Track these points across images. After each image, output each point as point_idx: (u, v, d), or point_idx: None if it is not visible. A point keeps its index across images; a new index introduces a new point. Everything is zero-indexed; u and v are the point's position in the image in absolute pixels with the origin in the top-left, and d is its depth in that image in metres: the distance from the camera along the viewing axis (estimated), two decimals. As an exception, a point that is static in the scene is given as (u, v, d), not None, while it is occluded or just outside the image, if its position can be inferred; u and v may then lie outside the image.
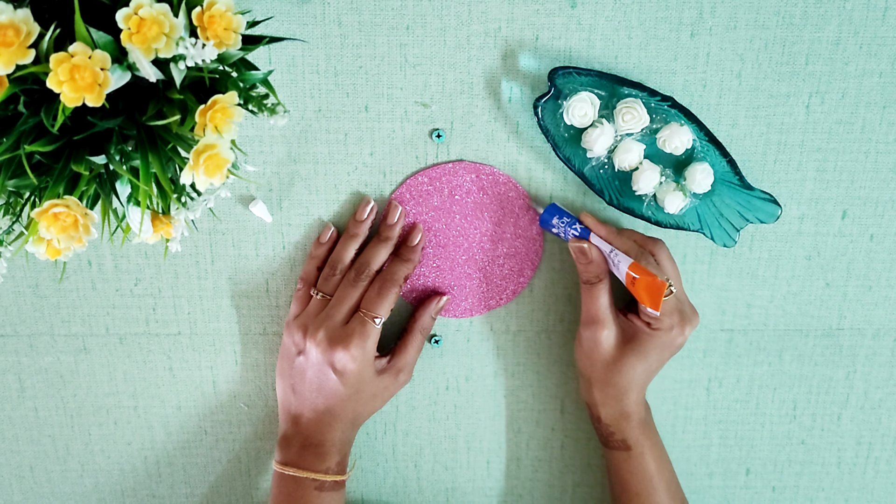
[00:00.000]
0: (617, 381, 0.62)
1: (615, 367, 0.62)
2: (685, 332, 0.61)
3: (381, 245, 0.63)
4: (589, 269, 0.61)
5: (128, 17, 0.41)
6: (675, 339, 0.61)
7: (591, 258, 0.61)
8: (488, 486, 0.74)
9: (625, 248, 0.60)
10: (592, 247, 0.61)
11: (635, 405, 0.63)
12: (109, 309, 0.67)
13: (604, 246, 0.60)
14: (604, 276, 0.61)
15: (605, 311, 0.62)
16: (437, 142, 0.63)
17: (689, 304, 0.63)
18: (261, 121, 0.61)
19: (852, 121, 0.63)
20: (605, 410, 0.64)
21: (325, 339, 0.61)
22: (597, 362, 0.63)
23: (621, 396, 0.63)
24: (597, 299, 0.61)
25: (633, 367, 0.62)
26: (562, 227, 0.62)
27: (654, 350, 0.61)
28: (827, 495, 0.75)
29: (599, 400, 0.64)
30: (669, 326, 0.61)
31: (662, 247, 0.62)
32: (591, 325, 0.62)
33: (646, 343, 0.61)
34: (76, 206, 0.45)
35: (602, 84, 0.60)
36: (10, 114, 0.44)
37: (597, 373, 0.63)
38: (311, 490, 0.63)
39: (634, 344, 0.62)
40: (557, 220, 0.62)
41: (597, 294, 0.61)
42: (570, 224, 0.62)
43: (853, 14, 0.60)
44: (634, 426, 0.64)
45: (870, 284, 0.68)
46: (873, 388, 0.71)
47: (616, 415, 0.64)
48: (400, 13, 0.59)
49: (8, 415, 0.70)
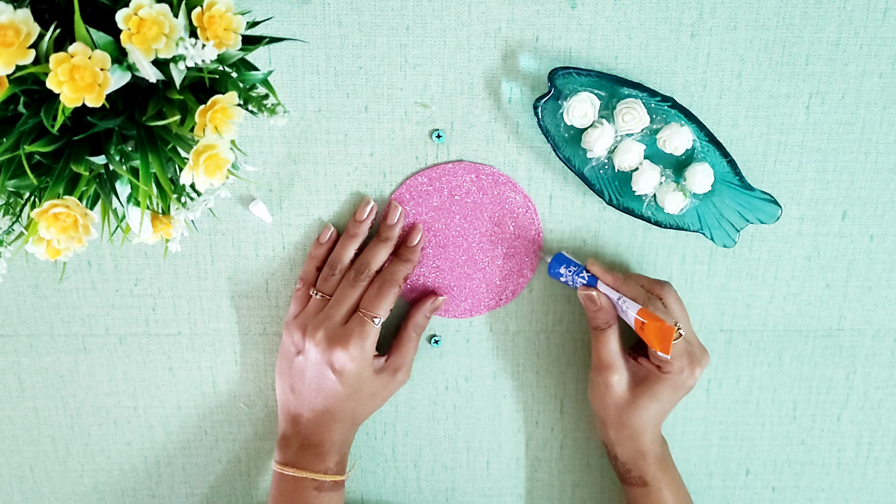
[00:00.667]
0: (631, 422, 0.63)
1: (628, 410, 0.63)
2: (695, 373, 0.62)
3: (380, 245, 0.63)
4: (598, 315, 0.62)
5: (128, 17, 0.41)
6: (686, 381, 0.62)
7: (600, 305, 0.62)
8: (488, 486, 0.74)
9: (632, 295, 0.61)
10: (601, 294, 0.62)
11: (651, 443, 0.64)
12: (109, 309, 0.67)
13: (611, 293, 0.61)
14: (613, 322, 0.62)
15: (615, 356, 0.63)
16: (437, 142, 0.63)
17: (699, 345, 0.64)
18: (261, 121, 0.61)
19: (852, 121, 0.63)
20: (621, 449, 0.65)
21: (323, 338, 0.61)
22: (610, 405, 0.64)
23: (636, 436, 0.64)
24: (607, 345, 0.63)
25: (647, 409, 0.63)
26: (569, 275, 0.63)
27: (665, 392, 0.62)
28: (827, 495, 0.75)
29: (615, 440, 0.65)
30: (680, 369, 0.61)
31: (670, 289, 0.63)
32: (602, 370, 0.63)
33: (657, 385, 0.62)
34: (76, 207, 0.45)
35: (602, 84, 0.60)
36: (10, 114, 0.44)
37: (611, 415, 0.64)
38: (311, 490, 0.63)
39: (646, 387, 0.63)
40: (565, 269, 0.63)
41: (606, 340, 0.63)
42: (578, 273, 0.63)
43: (853, 14, 0.60)
44: (651, 463, 0.65)
45: (870, 285, 0.68)
46: (873, 388, 0.71)
47: (632, 453, 0.65)
48: (400, 14, 0.59)
49: (8, 415, 0.70)
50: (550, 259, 0.64)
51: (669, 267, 0.67)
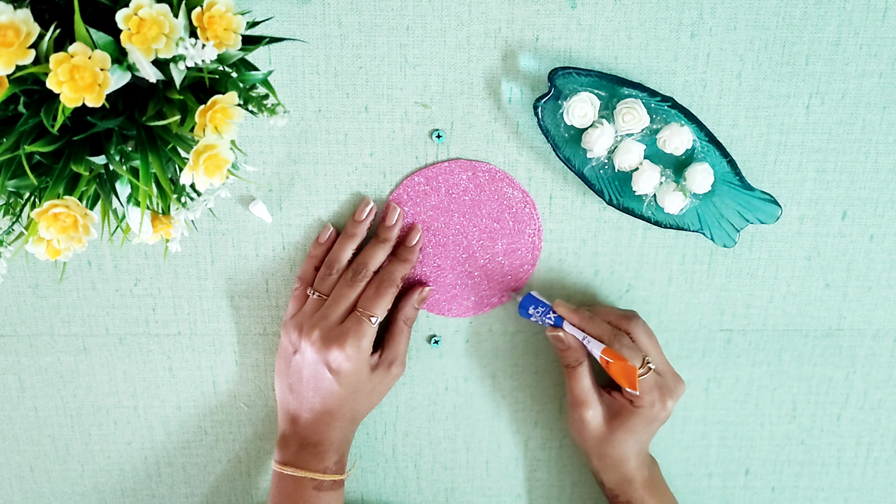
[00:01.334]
0: (611, 453, 0.64)
1: (606, 443, 0.64)
2: (667, 405, 0.63)
3: (379, 246, 0.63)
4: (568, 354, 0.64)
5: (128, 17, 0.41)
6: (659, 414, 0.63)
7: (568, 345, 0.63)
8: (487, 485, 0.74)
9: (598, 333, 0.62)
10: (568, 334, 0.63)
11: (636, 469, 0.65)
12: (109, 309, 0.67)
13: (577, 333, 0.62)
14: (583, 359, 0.64)
15: (588, 392, 0.64)
16: (437, 142, 0.63)
17: (673, 375, 0.64)
18: (261, 121, 0.61)
19: (852, 121, 0.63)
20: (606, 477, 0.66)
21: (319, 338, 0.61)
22: (588, 439, 0.65)
23: (619, 465, 0.65)
24: (579, 382, 0.64)
25: (624, 441, 0.64)
26: (538, 315, 0.64)
27: (639, 425, 0.63)
28: (826, 495, 0.75)
29: (599, 468, 0.66)
30: (651, 403, 0.62)
31: (637, 323, 0.63)
32: (576, 407, 0.64)
33: (631, 419, 0.63)
34: (76, 207, 0.45)
35: (602, 84, 0.60)
36: (10, 114, 0.44)
37: (590, 448, 0.65)
38: (310, 490, 0.63)
39: (620, 420, 0.63)
40: (533, 309, 0.64)
41: (578, 377, 0.64)
42: (545, 314, 0.64)
43: (853, 15, 0.60)
44: (638, 488, 0.65)
45: (869, 285, 0.68)
46: (873, 388, 0.71)
47: (618, 480, 0.65)
48: (400, 14, 0.59)
49: (8, 415, 0.70)
50: (520, 299, 0.65)
51: (669, 267, 0.67)
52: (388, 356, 0.64)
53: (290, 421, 0.65)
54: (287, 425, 0.65)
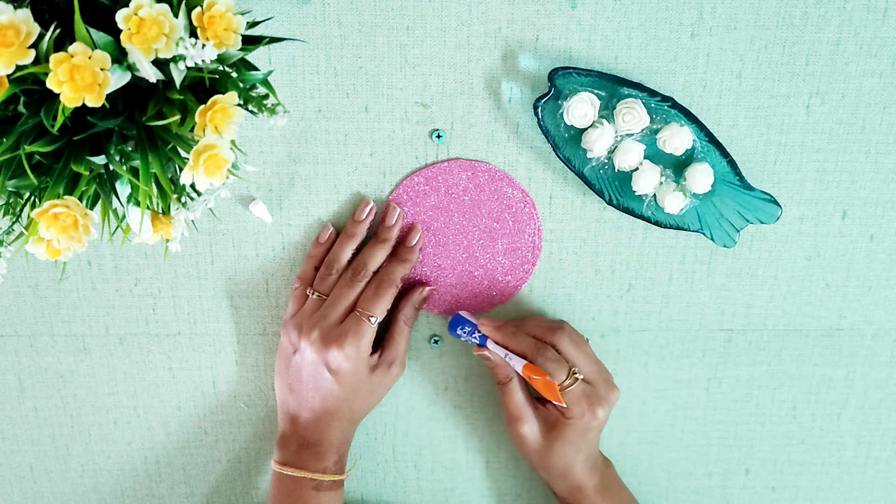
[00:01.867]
0: (554, 464, 0.65)
1: (546, 455, 0.64)
2: (598, 414, 0.62)
3: (378, 246, 0.63)
4: (496, 371, 0.64)
5: (128, 17, 0.41)
6: (590, 423, 0.63)
7: (495, 362, 0.63)
8: (487, 485, 0.74)
9: (521, 349, 0.62)
10: (492, 352, 0.63)
11: (585, 477, 0.65)
12: (109, 309, 0.67)
13: (500, 351, 0.63)
14: (513, 375, 0.64)
15: (521, 407, 0.64)
16: (437, 142, 0.63)
17: (605, 382, 0.63)
18: (261, 121, 0.61)
19: (852, 121, 0.63)
20: (556, 487, 0.66)
21: (318, 338, 0.61)
22: (530, 453, 0.65)
23: (566, 474, 0.65)
24: (511, 398, 0.64)
25: (563, 452, 0.64)
26: (465, 335, 0.65)
27: (573, 435, 0.63)
28: (827, 495, 0.75)
29: (548, 479, 0.66)
30: (580, 413, 0.62)
31: (562, 333, 0.63)
32: (512, 422, 0.65)
33: (565, 430, 0.63)
34: (76, 207, 0.45)
35: (602, 84, 0.60)
36: (10, 114, 0.44)
37: (533, 461, 0.66)
38: (309, 490, 0.63)
39: (556, 432, 0.64)
40: (461, 329, 0.65)
41: (510, 392, 0.64)
42: (471, 333, 0.65)
43: (853, 14, 0.60)
44: (590, 495, 0.65)
45: (870, 285, 0.68)
46: (873, 388, 0.71)
47: (568, 489, 0.66)
48: (400, 14, 0.59)
49: (8, 415, 0.70)
50: (450, 320, 0.66)
51: (669, 267, 0.67)
52: (388, 356, 0.64)
53: (289, 421, 0.65)
54: (287, 425, 0.65)
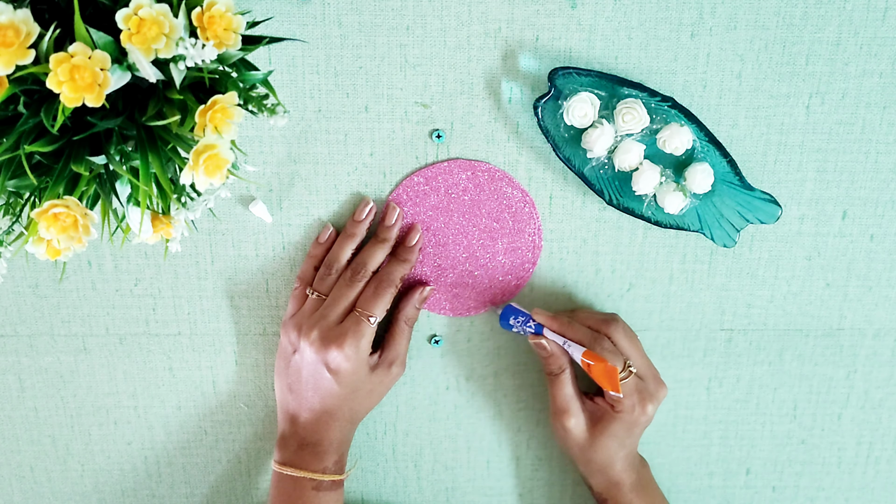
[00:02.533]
0: (595, 458, 0.65)
1: (590, 449, 0.64)
2: (647, 410, 0.63)
3: (378, 246, 0.63)
4: (550, 361, 0.64)
5: (127, 17, 0.41)
6: (639, 418, 0.63)
7: (551, 352, 0.63)
8: (488, 485, 0.74)
9: (578, 338, 0.62)
10: (550, 341, 0.63)
11: (623, 473, 0.65)
12: (109, 309, 0.67)
13: (557, 339, 0.63)
14: (565, 366, 0.64)
15: (570, 400, 0.64)
16: (436, 142, 0.63)
17: (655, 378, 0.64)
18: (261, 121, 0.61)
19: (852, 121, 0.63)
20: (594, 481, 0.66)
21: (318, 338, 0.61)
22: (572, 446, 0.65)
23: (605, 470, 0.65)
24: (561, 389, 0.64)
25: (607, 447, 0.64)
26: (518, 325, 0.65)
27: (621, 429, 0.63)
28: (827, 495, 0.75)
29: (586, 474, 0.66)
30: (631, 407, 0.62)
31: (617, 326, 0.63)
32: (559, 415, 0.64)
33: (612, 424, 0.63)
34: (76, 207, 0.45)
35: (602, 84, 0.60)
36: (10, 114, 0.44)
37: (575, 454, 0.66)
38: (309, 490, 0.63)
39: (602, 426, 0.64)
40: (514, 319, 0.65)
41: (561, 384, 0.64)
42: (525, 322, 0.64)
43: (853, 14, 0.60)
44: (626, 492, 0.65)
45: (870, 285, 0.68)
46: (874, 387, 0.71)
47: (605, 484, 0.66)
48: (400, 13, 0.59)
49: (8, 415, 0.70)
50: (500, 311, 0.65)
51: (669, 267, 0.67)
52: (389, 356, 0.64)
53: (289, 421, 0.65)
54: (286, 425, 0.65)
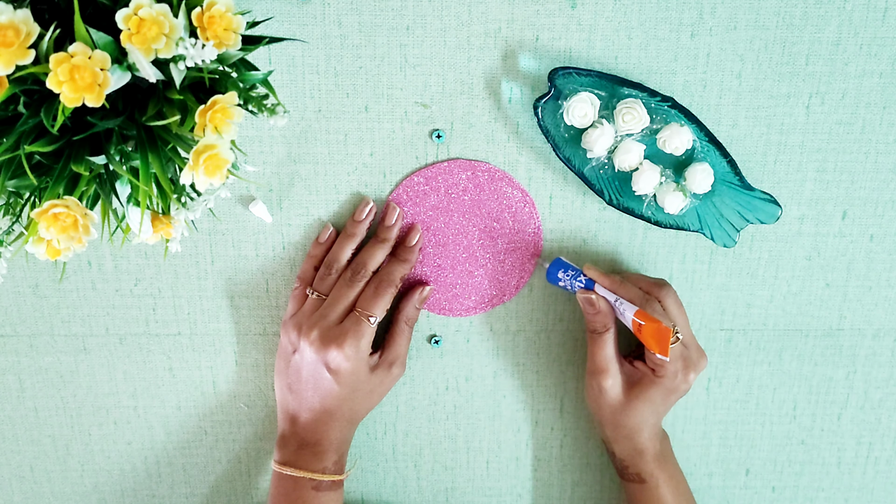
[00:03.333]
0: (625, 423, 0.64)
1: (622, 412, 0.63)
2: (689, 378, 0.62)
3: (378, 246, 0.63)
4: (596, 319, 0.63)
5: (127, 17, 0.41)
6: (680, 385, 0.62)
7: (599, 309, 0.62)
8: (488, 485, 0.74)
9: (629, 297, 0.61)
10: (600, 298, 0.62)
11: (648, 441, 0.65)
12: (109, 309, 0.67)
13: (609, 296, 0.62)
14: (610, 326, 0.63)
15: (610, 360, 0.63)
16: (437, 142, 0.63)
17: (697, 348, 0.63)
18: (261, 121, 0.61)
19: (852, 121, 0.63)
20: (618, 447, 0.65)
21: (318, 338, 0.61)
22: (604, 407, 0.64)
23: (633, 435, 0.64)
24: (602, 348, 0.63)
25: (640, 412, 0.63)
26: (567, 280, 0.63)
27: (658, 395, 0.63)
28: (827, 495, 0.75)
29: (612, 438, 0.65)
30: (674, 373, 0.62)
31: (669, 291, 0.62)
32: (596, 374, 0.63)
33: (650, 389, 0.63)
34: (76, 207, 0.45)
35: (602, 84, 0.60)
36: (10, 114, 0.44)
37: (605, 416, 0.65)
38: (308, 490, 0.63)
39: (639, 390, 0.63)
40: (563, 273, 0.64)
41: (603, 343, 0.63)
42: (575, 276, 0.63)
43: (853, 15, 0.60)
44: (649, 460, 0.65)
45: (870, 285, 0.68)
46: (873, 388, 0.71)
47: (630, 451, 0.65)
48: (400, 14, 0.59)
49: (8, 415, 0.70)
50: (548, 265, 0.64)
51: (669, 267, 0.67)
52: (389, 357, 0.64)
53: (289, 421, 0.65)
54: (286, 425, 0.65)
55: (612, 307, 0.62)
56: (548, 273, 0.64)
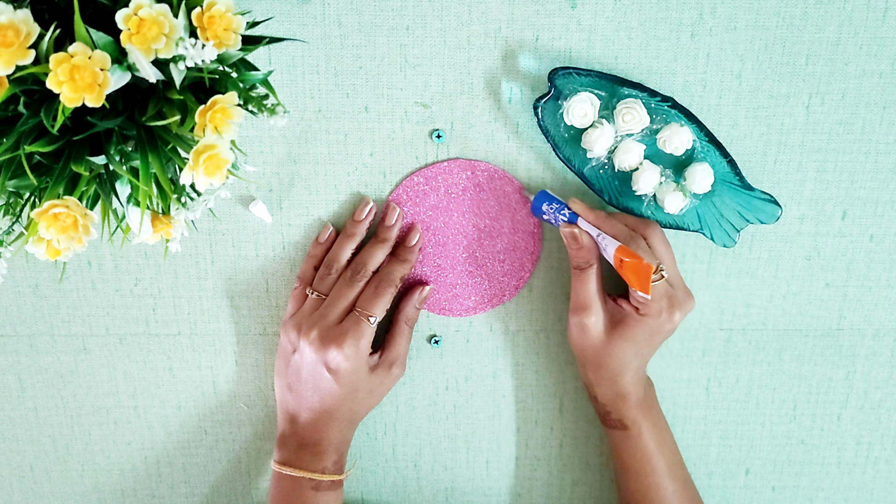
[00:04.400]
0: (608, 364, 0.62)
1: (605, 352, 0.62)
2: (674, 317, 0.61)
3: (378, 246, 0.63)
4: (579, 254, 0.61)
5: (127, 17, 0.41)
6: (664, 325, 0.61)
7: (582, 243, 0.61)
8: (487, 485, 0.74)
9: (613, 232, 0.60)
10: (583, 232, 0.61)
11: (632, 386, 0.63)
12: (109, 309, 0.67)
13: (592, 230, 0.60)
14: (593, 262, 0.61)
15: (592, 297, 0.62)
16: (436, 142, 0.63)
17: (684, 289, 0.62)
18: (261, 121, 0.61)
19: (852, 121, 0.63)
20: (600, 391, 0.64)
21: (317, 337, 0.61)
22: (587, 347, 0.63)
23: (615, 378, 0.63)
24: (585, 285, 0.61)
25: (623, 351, 0.62)
26: (552, 213, 0.62)
27: (642, 335, 0.61)
28: (827, 495, 0.75)
29: (594, 381, 0.64)
30: (658, 311, 0.60)
31: (655, 229, 0.61)
32: (579, 311, 0.62)
33: (634, 328, 0.61)
34: (76, 207, 0.45)
35: (602, 84, 0.60)
36: (10, 114, 0.44)
37: (588, 356, 0.63)
38: (308, 490, 0.63)
39: (622, 329, 0.61)
40: (547, 206, 0.62)
41: (586, 279, 0.61)
42: (560, 210, 0.61)
43: (853, 15, 0.60)
44: (631, 406, 0.63)
45: (869, 285, 0.68)
46: (873, 388, 0.71)
47: (612, 395, 0.64)
48: (400, 14, 0.59)
49: (8, 415, 0.70)
50: (533, 197, 0.63)
51: (669, 267, 0.67)
52: (389, 357, 0.64)
53: (289, 420, 0.65)
54: (286, 425, 0.65)
55: (596, 242, 0.60)
56: (532, 206, 0.63)
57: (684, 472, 0.67)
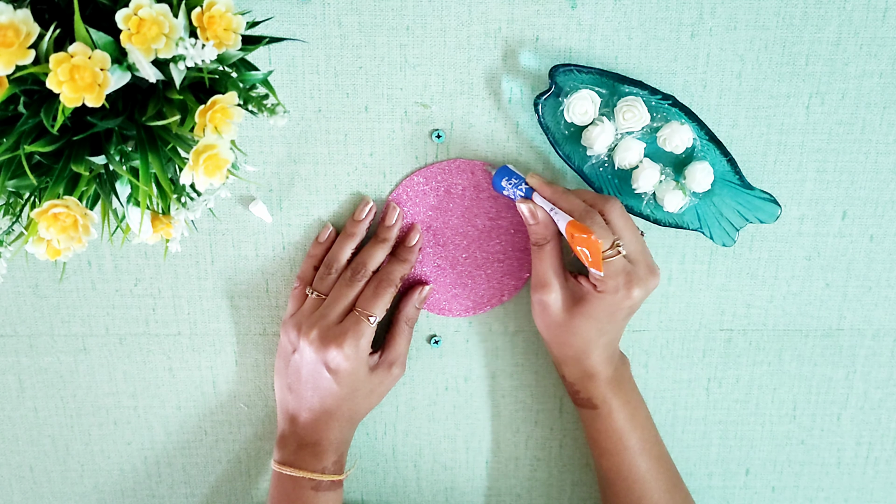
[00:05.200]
0: (572, 342, 0.61)
1: (567, 330, 0.61)
2: (632, 294, 0.59)
3: (378, 246, 0.63)
4: (536, 230, 0.60)
5: (127, 17, 0.41)
6: (622, 302, 0.59)
7: (538, 220, 0.60)
8: (487, 485, 0.74)
9: (569, 208, 0.58)
10: (538, 207, 0.60)
11: (600, 364, 0.62)
12: (109, 309, 0.67)
13: (545, 205, 0.59)
14: (551, 238, 0.60)
15: (550, 274, 0.60)
16: (436, 142, 0.63)
17: (647, 265, 0.60)
18: (261, 121, 0.61)
19: (852, 121, 0.63)
20: (567, 370, 0.63)
21: (317, 337, 0.61)
22: (549, 325, 0.62)
23: (581, 357, 0.62)
24: (543, 261, 0.61)
25: (585, 329, 0.60)
26: (510, 188, 0.61)
27: (602, 312, 0.60)
28: (827, 495, 0.75)
29: (560, 359, 0.63)
30: (614, 288, 0.59)
31: (614, 204, 0.59)
32: (538, 289, 0.61)
33: (593, 305, 0.60)
34: (76, 207, 0.45)
35: (603, 82, 0.60)
36: (10, 114, 0.44)
37: (551, 334, 0.62)
38: (308, 490, 0.63)
39: (582, 306, 0.60)
40: (507, 181, 0.61)
41: (543, 256, 0.60)
42: (517, 185, 0.61)
43: (853, 15, 0.60)
44: (600, 385, 0.62)
45: (869, 285, 0.68)
46: (873, 388, 0.71)
47: (579, 374, 0.63)
48: (400, 14, 0.59)
49: (8, 415, 0.70)
50: (494, 172, 0.62)
51: (669, 266, 0.67)
52: (389, 357, 0.64)
53: (288, 420, 0.65)
54: (286, 425, 0.65)
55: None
56: (493, 181, 0.62)
57: (659, 449, 0.65)
